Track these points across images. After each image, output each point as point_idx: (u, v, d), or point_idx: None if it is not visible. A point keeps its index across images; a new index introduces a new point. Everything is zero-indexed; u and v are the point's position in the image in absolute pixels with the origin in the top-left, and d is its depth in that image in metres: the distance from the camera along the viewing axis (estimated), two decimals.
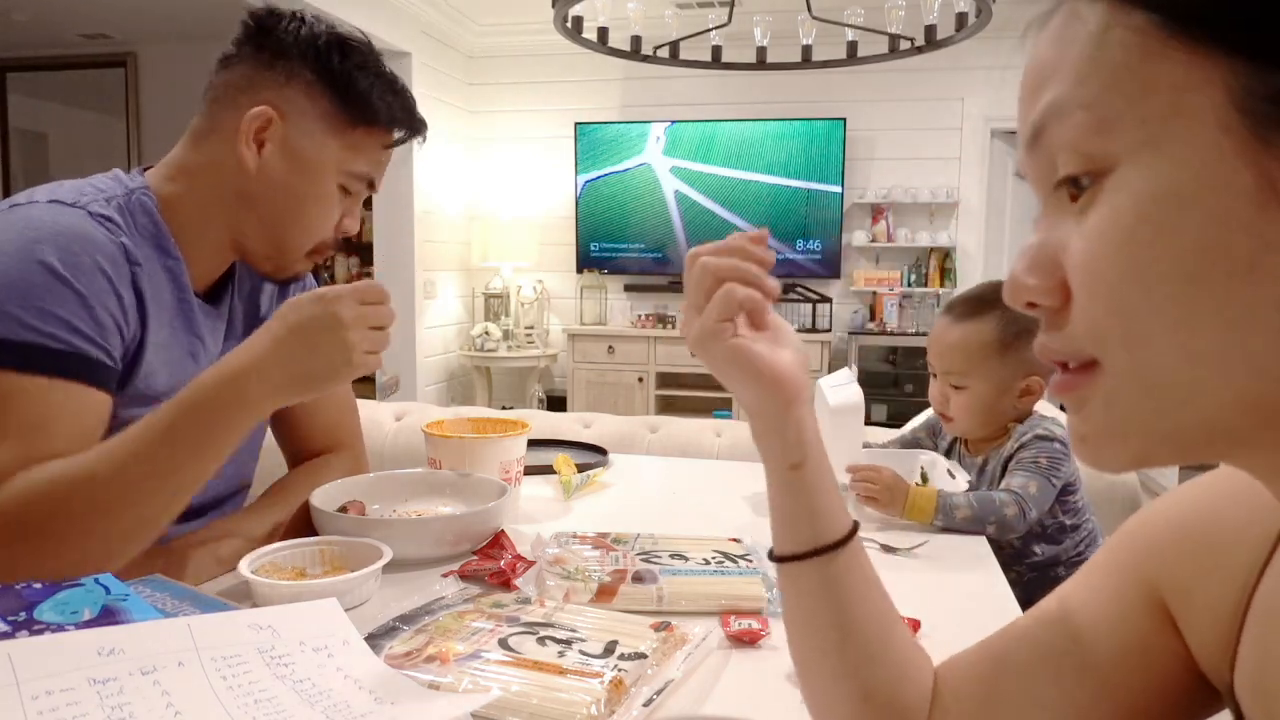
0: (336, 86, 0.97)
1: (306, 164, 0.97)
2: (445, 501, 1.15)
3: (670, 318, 5.10)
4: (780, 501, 0.56)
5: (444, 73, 5.12)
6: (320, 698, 0.60)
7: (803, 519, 0.55)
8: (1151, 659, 0.48)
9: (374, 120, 1.00)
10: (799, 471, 0.54)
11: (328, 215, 1.01)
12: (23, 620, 0.61)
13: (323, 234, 1.01)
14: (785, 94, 5.08)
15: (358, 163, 1.00)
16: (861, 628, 0.55)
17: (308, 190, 0.98)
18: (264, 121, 0.95)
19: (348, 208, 1.03)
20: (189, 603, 0.74)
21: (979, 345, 1.30)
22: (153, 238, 0.95)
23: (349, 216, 1.03)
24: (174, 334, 0.97)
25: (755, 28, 3.04)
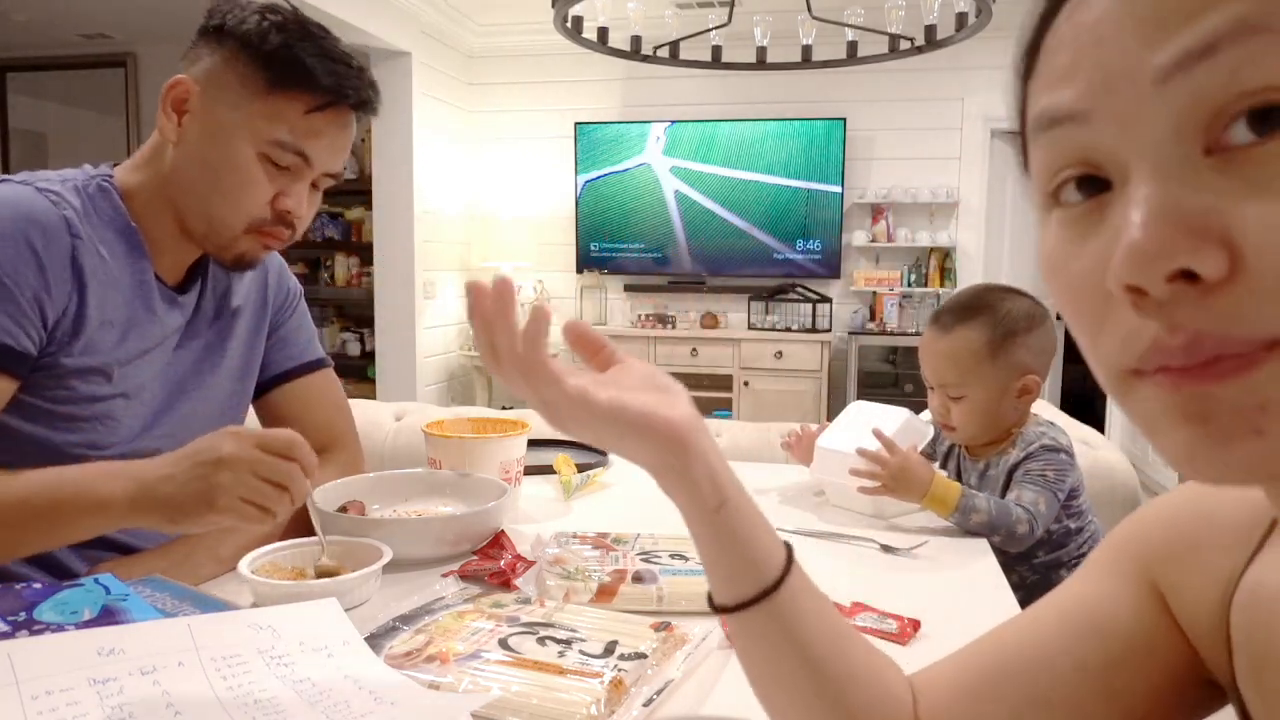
0: (256, 50, 0.93)
1: (219, 130, 0.94)
2: (445, 501, 1.15)
3: (670, 317, 5.10)
4: (711, 550, 0.51)
5: (444, 73, 5.12)
6: (320, 698, 0.59)
7: (740, 562, 0.50)
8: (1157, 658, 0.48)
9: (293, 83, 0.94)
10: (723, 512, 0.49)
11: (250, 187, 0.95)
12: (23, 620, 0.61)
13: (252, 209, 0.96)
14: (785, 94, 5.08)
15: (277, 130, 0.94)
16: (829, 654, 0.51)
17: (221, 158, 0.94)
18: (181, 91, 0.94)
19: (285, 186, 0.97)
20: (189, 603, 0.74)
21: (970, 353, 1.30)
22: (113, 222, 0.95)
23: (286, 195, 0.97)
24: (131, 314, 0.96)
25: (755, 28, 3.04)
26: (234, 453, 0.80)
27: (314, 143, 0.96)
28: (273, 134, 0.94)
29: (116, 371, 0.95)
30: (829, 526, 1.19)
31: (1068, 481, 1.25)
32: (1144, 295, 0.30)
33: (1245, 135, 0.28)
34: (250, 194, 0.95)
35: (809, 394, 4.74)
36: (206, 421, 1.04)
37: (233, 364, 1.10)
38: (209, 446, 0.81)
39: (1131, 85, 0.30)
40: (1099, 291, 0.32)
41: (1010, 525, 1.16)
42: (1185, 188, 0.29)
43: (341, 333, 5.61)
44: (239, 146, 0.94)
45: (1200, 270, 0.29)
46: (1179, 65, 0.29)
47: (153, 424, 1.00)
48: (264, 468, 0.81)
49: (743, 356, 4.85)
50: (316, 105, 0.95)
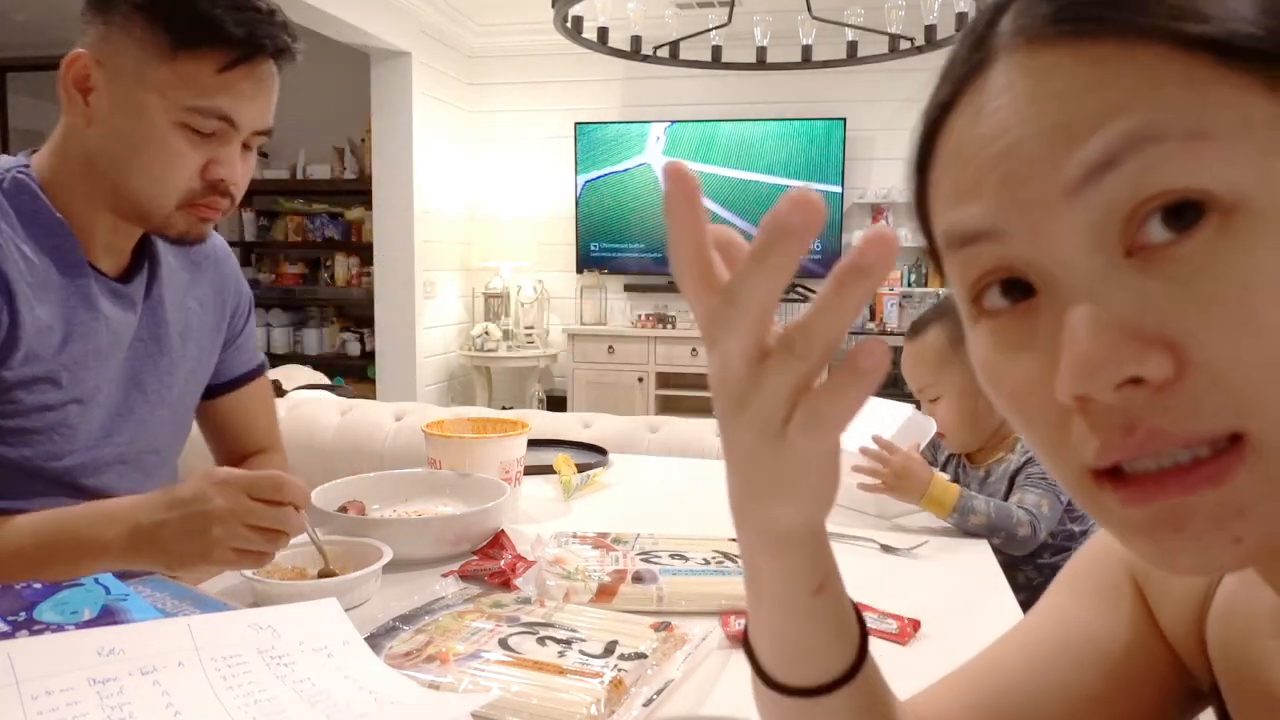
0: (151, 9, 0.85)
1: (129, 104, 0.86)
2: (445, 501, 1.15)
3: (670, 318, 5.10)
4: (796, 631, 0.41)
5: (444, 73, 5.12)
6: (320, 698, 0.59)
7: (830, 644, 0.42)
8: (1155, 674, 0.48)
9: (197, 41, 0.85)
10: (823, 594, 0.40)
11: (174, 161, 0.87)
12: (23, 620, 0.61)
13: (180, 183, 0.89)
14: (785, 94, 5.08)
15: (191, 95, 0.86)
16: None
17: (137, 134, 0.86)
18: (80, 68, 0.86)
19: (213, 153, 0.89)
20: (189, 603, 0.74)
21: (934, 353, 1.35)
22: (35, 217, 0.89)
23: (216, 163, 0.89)
24: (70, 313, 0.89)
25: (755, 28, 3.04)
26: (225, 506, 0.79)
27: (235, 102, 0.88)
28: (187, 100, 0.86)
29: (65, 376, 0.89)
30: (829, 526, 1.19)
31: None
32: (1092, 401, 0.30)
33: (1162, 233, 0.29)
34: (176, 168, 0.88)
35: None
36: (163, 424, 1.02)
37: (188, 362, 1.05)
38: (198, 497, 0.79)
39: (1043, 200, 0.31)
40: (1044, 402, 0.32)
41: (1011, 527, 1.16)
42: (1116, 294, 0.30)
43: (341, 333, 5.61)
44: (153, 119, 0.86)
45: (1148, 375, 0.29)
46: (1086, 178, 0.30)
47: (111, 428, 0.96)
48: (255, 517, 0.80)
49: None
50: (230, 61, 0.86)
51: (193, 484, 0.81)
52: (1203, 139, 0.29)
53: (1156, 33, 0.29)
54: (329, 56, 5.32)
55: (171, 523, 0.80)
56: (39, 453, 0.89)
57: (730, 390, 0.33)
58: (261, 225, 5.66)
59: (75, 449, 0.91)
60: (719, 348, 0.33)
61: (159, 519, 0.81)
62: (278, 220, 5.64)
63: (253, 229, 5.64)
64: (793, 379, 0.31)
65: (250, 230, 5.63)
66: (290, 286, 5.67)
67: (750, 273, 0.31)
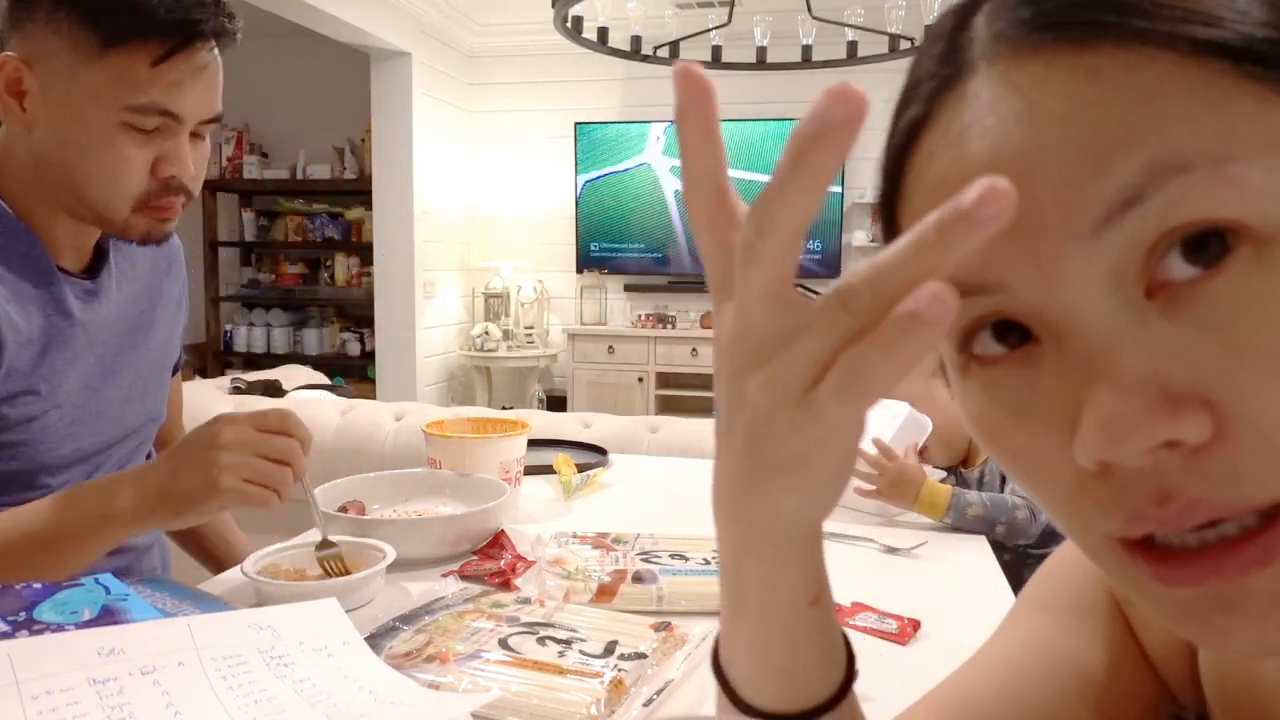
0: (74, 6, 0.80)
1: (67, 108, 0.81)
2: (445, 501, 1.15)
3: (670, 318, 5.10)
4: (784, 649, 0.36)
5: (444, 73, 5.12)
6: (320, 698, 0.59)
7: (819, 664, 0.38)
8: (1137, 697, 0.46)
9: (127, 34, 0.80)
10: (818, 606, 0.36)
11: (120, 164, 0.83)
12: (23, 620, 0.61)
13: (131, 185, 0.85)
14: (785, 94, 5.08)
15: (128, 93, 0.81)
16: None
17: (79, 139, 0.82)
18: (11, 72, 0.81)
19: (160, 150, 0.85)
20: (189, 603, 0.74)
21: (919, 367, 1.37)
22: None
23: (165, 160, 0.85)
24: (46, 322, 0.87)
25: (755, 28, 3.04)
26: (233, 437, 0.79)
27: (176, 95, 0.83)
28: (125, 99, 0.81)
29: (44, 386, 0.87)
30: (829, 526, 1.19)
31: None
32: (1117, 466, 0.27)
33: (1185, 269, 0.26)
34: (124, 171, 0.84)
35: None
36: (136, 414, 1.01)
37: (156, 349, 1.04)
38: (207, 434, 0.80)
39: (1056, 247, 0.27)
40: (1057, 466, 0.29)
41: (1009, 514, 1.17)
42: (1140, 344, 0.26)
43: (341, 333, 5.61)
44: (93, 122, 0.81)
45: (1185, 438, 0.26)
46: (1107, 219, 0.26)
47: (88, 424, 0.94)
48: (263, 446, 0.80)
49: None
50: (165, 52, 0.81)
51: (198, 428, 0.81)
52: (1230, 163, 0.25)
53: (1160, 39, 0.26)
54: (329, 56, 5.32)
55: (178, 466, 0.80)
56: (26, 464, 0.88)
57: (749, 344, 0.28)
58: (261, 225, 5.66)
59: (60, 448, 0.91)
60: (739, 289, 0.28)
61: (165, 468, 0.81)
62: (278, 220, 5.64)
63: (253, 229, 5.64)
64: (840, 334, 0.26)
65: (250, 230, 5.63)
66: (290, 286, 5.67)
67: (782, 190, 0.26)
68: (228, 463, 0.79)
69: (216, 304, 5.62)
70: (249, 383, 2.54)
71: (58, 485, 0.91)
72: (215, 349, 5.60)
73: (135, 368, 1.00)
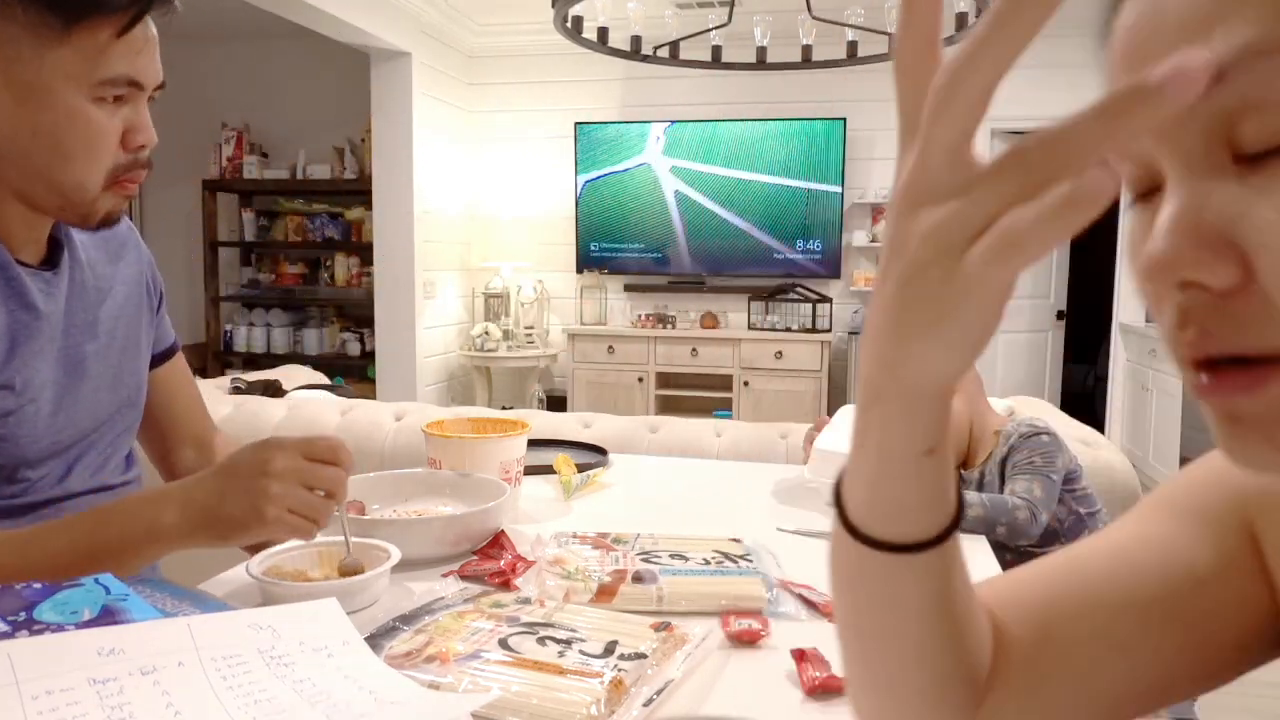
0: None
1: (34, 94, 0.80)
2: (445, 501, 1.15)
3: (670, 318, 5.10)
4: (898, 488, 0.40)
5: (444, 73, 5.12)
6: (320, 698, 0.59)
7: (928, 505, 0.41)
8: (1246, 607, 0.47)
9: (88, 10, 0.79)
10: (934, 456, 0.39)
11: (96, 140, 0.83)
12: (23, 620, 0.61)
13: (104, 161, 0.85)
14: (785, 94, 5.08)
15: (98, 68, 0.80)
16: (971, 602, 0.46)
17: (55, 122, 0.81)
18: None
19: (127, 120, 0.85)
20: (189, 603, 0.74)
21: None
22: None
23: (134, 129, 0.85)
24: (11, 316, 0.86)
25: (755, 28, 3.04)
26: (283, 466, 0.79)
27: (138, 62, 0.83)
28: (96, 74, 0.81)
29: (18, 380, 0.86)
30: (829, 526, 1.19)
31: (1058, 461, 1.26)
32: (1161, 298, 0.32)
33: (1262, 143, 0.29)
34: (101, 146, 0.83)
35: (809, 394, 4.74)
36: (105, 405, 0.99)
37: (120, 339, 1.02)
38: (257, 460, 0.80)
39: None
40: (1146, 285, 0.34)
41: (1010, 514, 1.17)
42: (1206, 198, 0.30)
43: (341, 333, 5.61)
44: (67, 103, 0.80)
45: (1207, 282, 0.30)
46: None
47: (59, 417, 0.93)
48: (311, 476, 0.81)
49: (743, 356, 4.85)
50: (127, 23, 0.81)
51: (247, 451, 0.81)
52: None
53: None
54: (329, 56, 5.32)
55: (228, 491, 0.79)
56: (4, 459, 0.87)
57: (921, 194, 0.30)
58: (261, 225, 5.66)
59: (34, 443, 0.90)
60: (922, 138, 0.30)
61: (213, 489, 0.80)
62: (278, 220, 5.64)
63: (253, 229, 5.64)
64: (1005, 195, 0.27)
65: (250, 230, 5.63)
66: (290, 286, 5.67)
67: (987, 41, 0.27)
68: (275, 492, 0.79)
69: (216, 304, 5.62)
70: (249, 383, 2.54)
71: (38, 478, 0.91)
72: (215, 349, 5.60)
73: (101, 356, 0.99)
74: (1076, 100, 0.34)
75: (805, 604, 0.90)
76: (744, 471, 1.51)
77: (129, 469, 1.06)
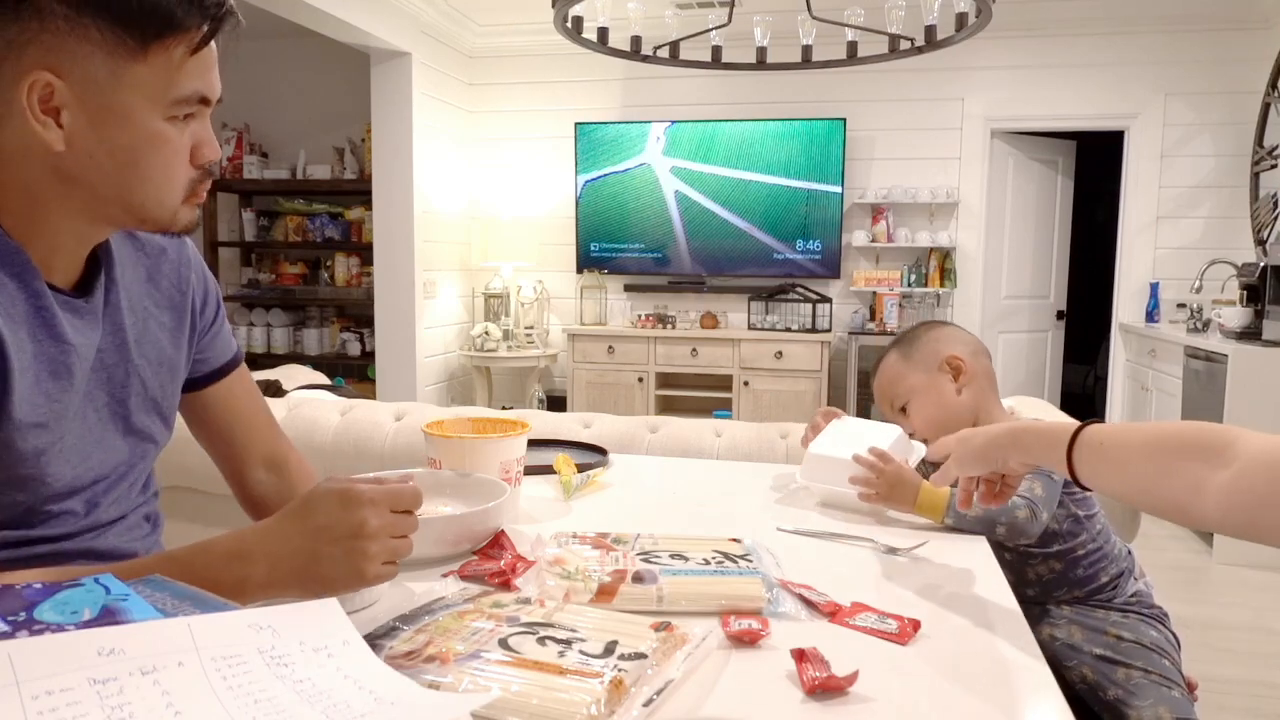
0: (101, 9, 0.76)
1: (115, 116, 0.79)
2: (445, 501, 1.15)
3: (670, 317, 5.10)
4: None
5: (444, 73, 5.12)
6: (320, 698, 0.59)
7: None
8: None
9: (164, 28, 0.78)
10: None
11: (173, 158, 0.83)
12: (23, 620, 0.61)
13: (181, 178, 0.85)
14: (785, 94, 5.08)
15: (174, 86, 0.80)
16: None
17: (133, 143, 0.80)
18: (45, 91, 0.77)
19: (196, 135, 0.85)
20: (189, 603, 0.74)
21: (890, 369, 1.46)
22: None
23: (202, 145, 0.85)
24: (39, 348, 0.83)
25: (755, 28, 3.04)
26: (378, 525, 0.79)
27: (208, 79, 0.83)
28: (173, 92, 0.80)
29: (50, 417, 0.84)
30: (829, 526, 1.19)
31: None
32: None
33: None
34: (178, 163, 0.84)
35: (809, 394, 4.74)
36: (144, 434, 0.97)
37: (149, 367, 0.98)
38: (353, 521, 0.78)
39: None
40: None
41: (1010, 514, 1.17)
42: None
43: (341, 333, 5.61)
44: (144, 122, 0.80)
45: None
46: None
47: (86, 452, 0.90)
48: (399, 529, 0.81)
49: (743, 356, 4.85)
50: (200, 39, 0.80)
51: (335, 507, 0.79)
52: None
53: None
54: (329, 56, 5.32)
55: (325, 553, 0.78)
56: (31, 496, 0.85)
57: None
58: (261, 225, 5.66)
59: (61, 482, 0.87)
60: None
61: (308, 549, 0.78)
62: (278, 220, 5.64)
63: (253, 229, 5.64)
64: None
65: (250, 230, 5.64)
66: (290, 286, 5.67)
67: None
68: (374, 553, 0.79)
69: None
70: None
71: (59, 512, 0.88)
72: None
73: (135, 389, 0.96)
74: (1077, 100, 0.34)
75: (805, 604, 0.90)
76: (744, 471, 1.51)
77: (146, 489, 1.03)
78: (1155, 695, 1.22)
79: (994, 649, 0.81)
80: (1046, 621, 1.35)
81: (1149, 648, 1.29)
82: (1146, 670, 1.26)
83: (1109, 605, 1.34)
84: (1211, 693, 2.41)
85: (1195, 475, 0.77)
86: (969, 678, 0.75)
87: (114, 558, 0.93)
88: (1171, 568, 3.45)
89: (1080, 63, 4.79)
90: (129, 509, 0.98)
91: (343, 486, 0.80)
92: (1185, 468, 0.78)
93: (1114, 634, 1.30)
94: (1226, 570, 3.41)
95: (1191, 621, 2.90)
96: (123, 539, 0.96)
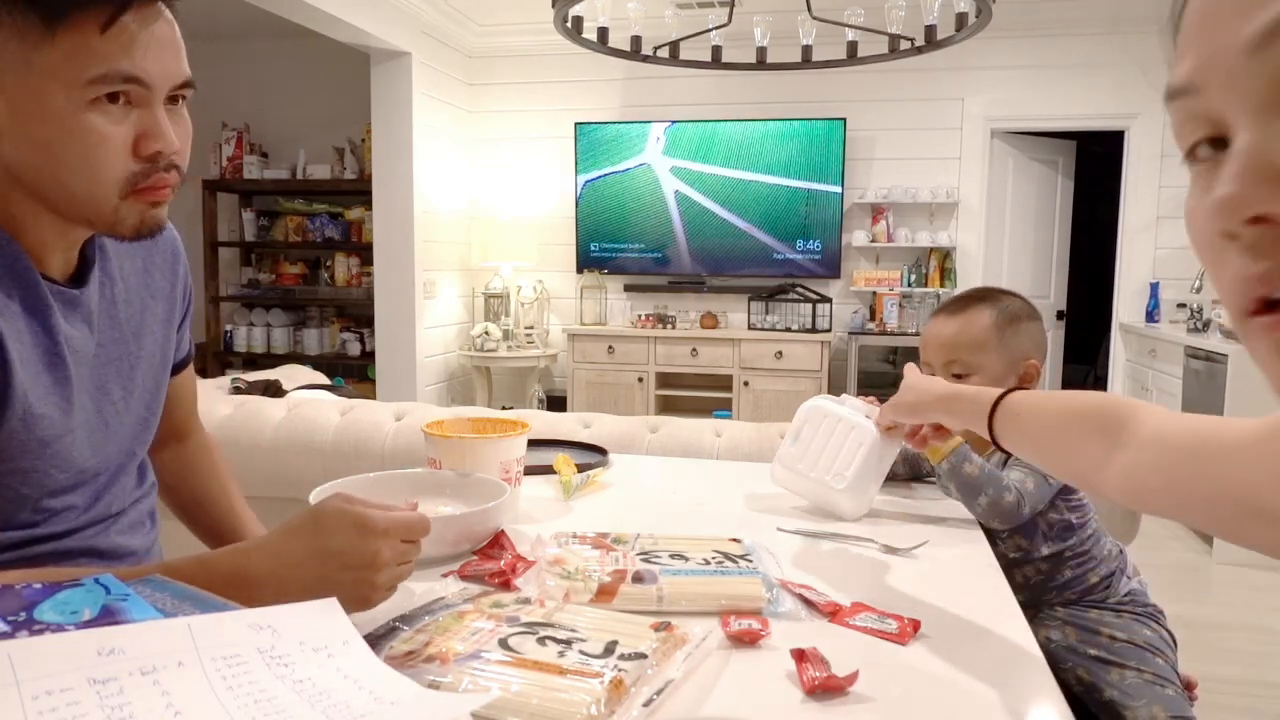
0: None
1: (28, 102, 0.75)
2: (445, 501, 1.15)
3: (670, 317, 5.10)
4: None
5: (444, 73, 5.12)
6: (320, 698, 0.59)
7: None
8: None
9: (69, 6, 0.74)
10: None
11: (99, 146, 0.77)
12: (23, 620, 0.61)
13: (115, 169, 0.79)
14: (785, 94, 5.08)
15: (85, 67, 0.75)
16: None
17: (51, 132, 0.76)
18: None
19: (138, 124, 0.79)
20: (189, 603, 0.74)
21: (980, 329, 1.35)
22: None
23: (147, 135, 0.79)
24: (36, 339, 0.82)
25: (755, 28, 3.04)
26: (390, 556, 0.80)
27: (135, 57, 0.77)
28: (85, 73, 0.75)
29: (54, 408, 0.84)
30: (829, 526, 1.19)
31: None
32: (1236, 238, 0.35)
33: None
34: (103, 153, 0.78)
35: (809, 394, 4.72)
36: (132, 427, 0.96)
37: (145, 359, 0.98)
38: (366, 553, 0.78)
39: (1228, 56, 0.35)
40: (1213, 238, 0.37)
41: (999, 489, 1.19)
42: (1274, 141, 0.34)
43: (341, 333, 5.61)
44: (60, 109, 0.76)
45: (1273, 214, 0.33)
46: (1266, 36, 0.33)
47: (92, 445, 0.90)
48: (406, 557, 0.82)
49: (743, 356, 4.85)
50: (110, 15, 0.75)
51: (352, 535, 0.79)
52: None
53: None
54: (329, 56, 5.32)
55: (336, 581, 0.78)
56: (33, 489, 0.85)
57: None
58: (261, 225, 5.66)
59: (63, 475, 0.87)
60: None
61: (318, 575, 0.78)
62: (278, 220, 5.64)
63: (253, 229, 5.64)
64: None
65: (250, 230, 5.64)
66: (290, 286, 5.67)
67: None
68: (382, 582, 0.80)
69: (216, 304, 5.62)
70: (249, 383, 2.54)
71: (61, 508, 0.88)
72: (215, 349, 5.60)
73: (129, 383, 0.95)
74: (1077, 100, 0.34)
75: (805, 604, 0.90)
76: (744, 471, 1.51)
77: (143, 481, 1.03)
78: (1150, 695, 1.22)
79: (994, 649, 0.81)
80: (1041, 623, 1.35)
81: (1143, 647, 1.29)
82: (1140, 670, 1.26)
83: (1102, 605, 1.34)
84: (1211, 693, 2.41)
85: (1095, 453, 0.79)
86: (969, 678, 0.75)
87: (116, 555, 0.94)
88: (1171, 567, 3.45)
89: (1080, 63, 4.79)
90: (129, 503, 0.98)
91: (358, 513, 0.79)
92: (1087, 444, 0.80)
93: (1108, 634, 1.30)
94: (1226, 570, 3.41)
95: (1191, 621, 2.90)
96: (124, 536, 0.96)
